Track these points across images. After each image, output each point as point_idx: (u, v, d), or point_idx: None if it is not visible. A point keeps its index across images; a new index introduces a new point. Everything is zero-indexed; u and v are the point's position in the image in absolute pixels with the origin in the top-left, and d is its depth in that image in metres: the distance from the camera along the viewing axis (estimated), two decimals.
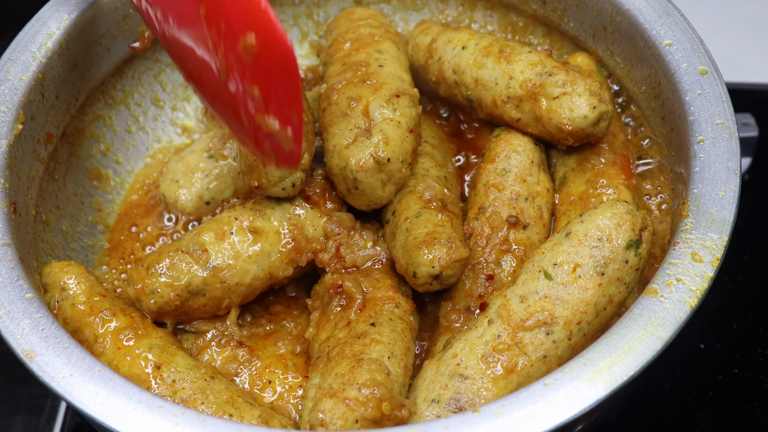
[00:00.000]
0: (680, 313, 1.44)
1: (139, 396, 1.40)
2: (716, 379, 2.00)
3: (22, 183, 1.71)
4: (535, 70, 1.77)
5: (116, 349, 1.60)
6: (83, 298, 1.65)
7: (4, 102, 1.71)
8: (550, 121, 1.75)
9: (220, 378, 1.60)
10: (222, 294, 1.70)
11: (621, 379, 1.38)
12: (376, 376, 1.51)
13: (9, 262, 1.55)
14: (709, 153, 1.60)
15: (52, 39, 1.80)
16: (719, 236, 1.51)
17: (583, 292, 1.56)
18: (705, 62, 1.71)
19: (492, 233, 1.75)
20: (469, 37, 1.89)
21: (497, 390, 1.53)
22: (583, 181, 1.79)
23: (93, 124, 1.96)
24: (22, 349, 1.46)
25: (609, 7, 1.84)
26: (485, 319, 1.59)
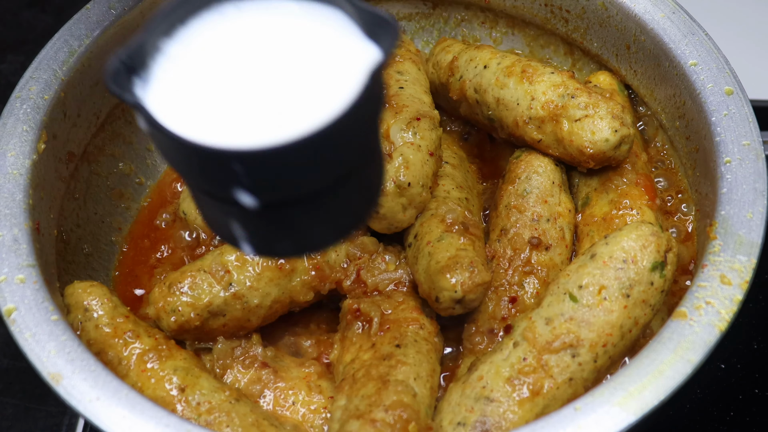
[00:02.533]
0: (710, 337, 1.44)
1: (167, 420, 1.39)
2: (737, 399, 1.99)
3: (45, 202, 1.70)
4: (557, 92, 1.77)
5: (141, 372, 1.59)
6: (107, 319, 1.64)
7: (27, 121, 1.71)
8: (572, 143, 1.74)
9: (245, 400, 1.60)
10: (242, 315, 1.70)
11: (652, 404, 1.37)
12: (403, 397, 1.50)
13: (34, 284, 1.54)
14: (736, 174, 1.59)
15: (74, 57, 1.79)
16: (748, 258, 1.51)
17: (608, 315, 1.55)
18: (730, 82, 1.70)
19: (514, 255, 1.74)
20: (491, 56, 1.88)
21: (523, 413, 1.53)
22: (606, 202, 1.78)
23: (113, 142, 1.96)
24: (48, 372, 1.45)
25: (633, 27, 1.83)
26: (510, 341, 1.59)
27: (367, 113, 1.17)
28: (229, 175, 1.11)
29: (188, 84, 1.18)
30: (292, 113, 1.14)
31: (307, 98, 1.15)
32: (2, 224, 1.59)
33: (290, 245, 1.24)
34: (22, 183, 1.65)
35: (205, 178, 1.15)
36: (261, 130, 1.12)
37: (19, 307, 1.51)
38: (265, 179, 1.12)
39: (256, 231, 1.22)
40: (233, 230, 1.22)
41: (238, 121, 1.14)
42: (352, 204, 1.24)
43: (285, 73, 1.18)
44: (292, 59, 1.20)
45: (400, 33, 1.15)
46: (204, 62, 1.21)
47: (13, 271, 1.55)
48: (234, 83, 1.17)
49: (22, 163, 1.66)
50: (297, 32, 1.23)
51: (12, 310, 1.51)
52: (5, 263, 1.56)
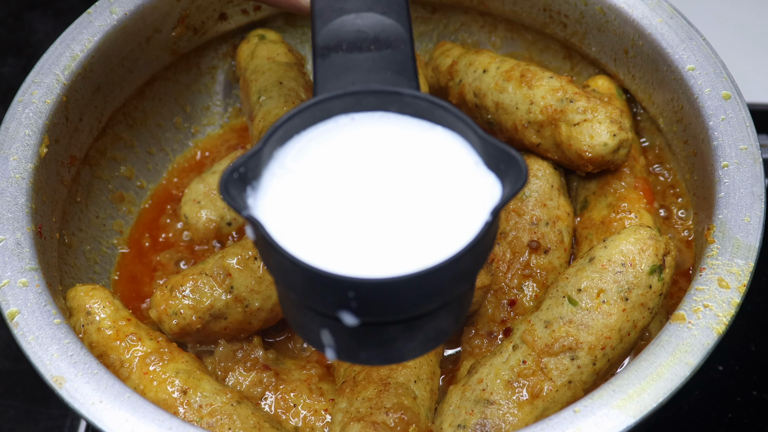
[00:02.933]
0: (708, 340, 1.45)
1: (170, 423, 1.40)
2: (735, 401, 2.01)
3: (47, 206, 1.71)
4: (556, 96, 1.78)
5: (143, 374, 1.60)
6: (109, 322, 1.65)
7: (29, 125, 1.72)
8: (570, 147, 1.76)
9: (246, 403, 1.61)
10: (244, 318, 1.71)
11: (650, 406, 1.38)
12: (404, 400, 1.51)
13: (36, 287, 1.55)
14: (734, 178, 1.61)
15: (76, 61, 1.80)
16: (745, 262, 1.52)
17: (607, 318, 1.57)
18: (728, 87, 1.71)
19: (513, 258, 1.75)
20: (490, 60, 1.89)
21: (523, 415, 1.54)
22: (605, 206, 1.79)
23: (114, 145, 1.97)
24: (51, 375, 1.46)
25: (631, 32, 1.85)
26: (510, 344, 1.60)
27: (483, 249, 1.17)
28: (338, 299, 1.12)
29: (300, 198, 1.18)
30: (410, 245, 1.14)
31: (426, 230, 1.16)
32: (5, 228, 1.60)
33: (376, 355, 1.25)
34: (24, 187, 1.66)
35: (309, 295, 1.15)
36: (376, 259, 1.13)
37: (22, 311, 1.52)
38: (374, 305, 1.13)
39: (345, 341, 1.22)
40: (321, 336, 1.22)
41: (352, 245, 1.14)
42: (444, 322, 1.25)
43: (403, 200, 1.18)
44: (411, 186, 1.19)
45: (527, 171, 1.15)
46: (317, 176, 1.20)
47: (15, 274, 1.56)
48: (347, 202, 1.18)
49: (24, 167, 1.67)
50: (415, 155, 1.23)
51: (15, 313, 1.52)
52: (8, 267, 1.57)
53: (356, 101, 1.26)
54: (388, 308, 1.14)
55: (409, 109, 1.27)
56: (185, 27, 1.97)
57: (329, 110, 1.26)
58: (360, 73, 1.28)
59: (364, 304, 1.12)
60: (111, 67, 1.87)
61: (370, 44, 1.31)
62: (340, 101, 1.25)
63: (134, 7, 1.87)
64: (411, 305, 1.15)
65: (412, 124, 1.27)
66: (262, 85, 1.87)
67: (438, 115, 1.25)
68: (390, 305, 1.14)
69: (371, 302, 1.13)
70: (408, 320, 1.19)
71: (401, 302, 1.14)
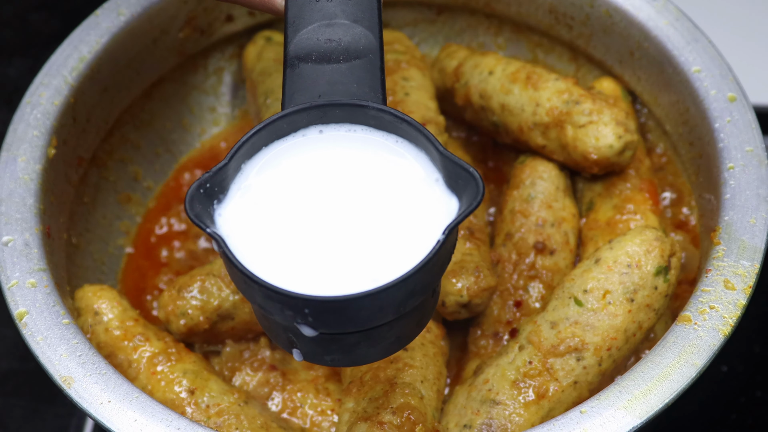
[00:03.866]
0: (714, 341, 1.45)
1: (178, 423, 1.40)
2: (739, 402, 2.01)
3: (55, 207, 1.72)
4: (561, 98, 1.79)
5: (150, 374, 1.61)
6: (116, 322, 1.66)
7: (38, 126, 1.72)
8: (576, 149, 1.76)
9: (253, 402, 1.61)
10: (251, 318, 1.71)
11: (656, 407, 1.39)
12: (410, 400, 1.52)
13: (45, 288, 1.56)
14: (740, 180, 1.61)
15: (84, 63, 1.80)
16: (751, 264, 1.53)
17: (613, 319, 1.57)
18: (734, 89, 1.72)
19: (519, 259, 1.76)
20: (496, 62, 1.90)
21: (529, 415, 1.54)
22: (610, 207, 1.80)
23: (121, 147, 1.97)
24: (60, 375, 1.46)
25: (637, 33, 1.85)
26: (516, 345, 1.61)
27: (438, 264, 1.20)
28: (295, 313, 1.17)
29: (260, 214, 1.22)
30: (366, 263, 1.18)
31: (383, 248, 1.19)
32: (13, 229, 1.61)
33: (340, 358, 1.29)
34: (32, 188, 1.66)
35: (268, 308, 1.19)
36: (332, 277, 1.18)
37: (30, 311, 1.53)
38: (329, 320, 1.17)
39: (309, 346, 1.26)
40: (287, 341, 1.27)
41: (309, 262, 1.19)
42: (405, 329, 1.29)
43: (362, 218, 1.22)
44: (370, 203, 1.23)
45: (483, 190, 1.18)
46: (279, 192, 1.24)
47: (24, 275, 1.57)
48: (307, 219, 1.21)
49: (32, 168, 1.68)
50: (377, 171, 1.26)
51: (24, 313, 1.53)
52: (17, 267, 1.57)
53: (323, 114, 1.29)
54: (343, 322, 1.18)
55: (374, 122, 1.29)
56: (192, 28, 1.98)
57: (296, 123, 1.29)
58: (327, 85, 1.30)
59: (320, 318, 1.17)
60: (118, 68, 1.88)
61: (339, 55, 1.33)
62: (307, 114, 1.28)
63: (141, 9, 1.88)
64: (365, 320, 1.19)
65: (378, 138, 1.29)
66: (269, 86, 1.88)
67: (402, 128, 1.28)
68: (344, 320, 1.18)
69: (326, 317, 1.17)
70: (366, 330, 1.23)
71: (355, 317, 1.17)
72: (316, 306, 1.15)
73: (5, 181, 1.66)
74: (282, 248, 1.20)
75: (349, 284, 1.16)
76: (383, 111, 1.27)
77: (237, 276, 1.19)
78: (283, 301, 1.16)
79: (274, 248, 1.20)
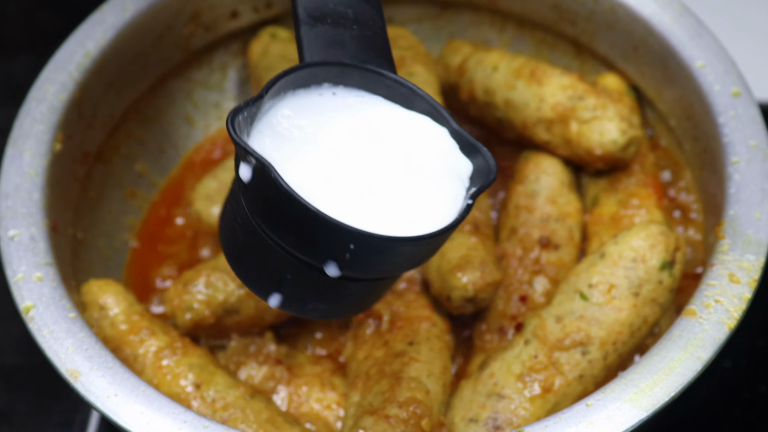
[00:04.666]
0: (719, 334, 1.46)
1: (184, 416, 1.41)
2: (742, 397, 2.01)
3: (61, 202, 1.72)
4: (566, 94, 1.79)
5: (156, 368, 1.61)
6: (122, 317, 1.66)
7: (44, 121, 1.73)
8: (580, 144, 1.77)
9: (259, 397, 1.62)
10: (256, 313, 1.72)
11: (662, 400, 1.40)
12: (416, 393, 1.52)
13: (51, 282, 1.56)
14: (744, 175, 1.62)
15: (89, 58, 1.81)
16: (756, 257, 1.53)
17: (618, 313, 1.58)
18: (738, 84, 1.72)
19: (524, 254, 1.76)
20: (500, 57, 1.90)
21: (534, 409, 1.55)
22: (615, 202, 1.80)
23: (126, 142, 1.98)
24: (66, 369, 1.47)
25: (640, 29, 1.85)
26: (521, 339, 1.61)
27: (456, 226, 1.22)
28: (337, 249, 1.15)
29: (293, 151, 1.21)
30: (396, 212, 1.20)
31: (410, 201, 1.21)
32: (20, 223, 1.61)
33: (320, 310, 1.28)
34: (38, 183, 1.67)
35: (304, 242, 1.17)
36: (368, 220, 1.17)
37: (37, 305, 1.53)
38: (367, 261, 1.16)
39: (300, 291, 1.24)
40: (272, 283, 1.24)
41: (342, 204, 1.18)
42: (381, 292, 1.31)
43: (391, 170, 1.23)
44: (395, 159, 1.24)
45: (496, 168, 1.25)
46: (311, 132, 1.23)
47: (30, 269, 1.57)
48: (339, 165, 1.21)
49: (39, 163, 1.68)
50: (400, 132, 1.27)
51: (30, 307, 1.53)
52: (23, 261, 1.58)
53: (342, 73, 1.29)
54: (377, 264, 1.18)
55: (389, 93, 1.30)
56: (197, 24, 1.99)
57: (316, 77, 1.28)
58: (346, 48, 1.31)
59: (359, 257, 1.15)
60: (123, 63, 1.88)
61: (352, 24, 1.33)
62: (328, 70, 1.28)
63: (146, 5, 1.88)
64: (394, 267, 1.20)
65: (392, 107, 1.30)
66: None
67: (416, 102, 1.29)
68: (380, 262, 1.17)
69: (366, 257, 1.15)
70: (378, 280, 1.24)
71: (390, 262, 1.18)
72: (365, 243, 1.13)
73: (11, 175, 1.67)
74: (314, 188, 1.18)
75: (385, 229, 1.16)
76: (402, 83, 1.28)
77: (277, 204, 1.15)
78: (332, 235, 1.13)
79: (306, 187, 1.18)
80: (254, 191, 1.18)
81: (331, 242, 1.14)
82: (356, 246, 1.13)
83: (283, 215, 1.16)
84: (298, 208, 1.13)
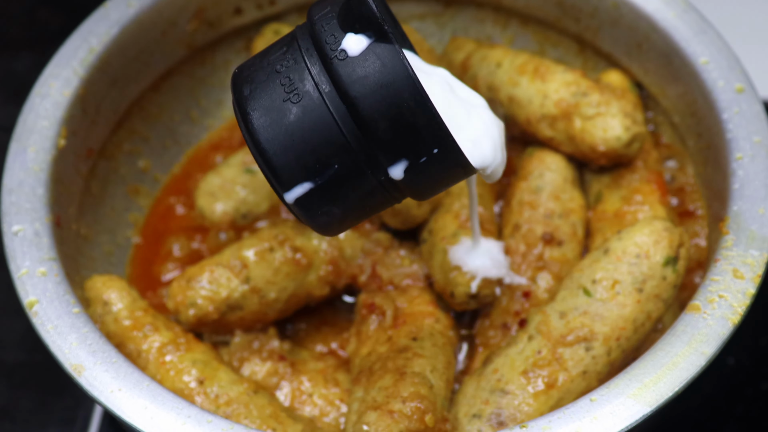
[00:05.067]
0: (723, 330, 1.46)
1: (188, 411, 1.41)
2: (745, 394, 2.01)
3: (64, 197, 1.72)
4: (569, 90, 1.79)
5: (160, 364, 1.61)
6: (126, 312, 1.66)
7: (48, 117, 1.73)
8: (584, 141, 1.77)
9: (262, 392, 1.62)
10: (260, 309, 1.72)
11: (666, 395, 1.39)
12: (420, 389, 1.52)
13: (55, 277, 1.56)
14: (748, 170, 1.62)
15: (93, 54, 1.81)
16: (760, 253, 1.53)
17: (621, 309, 1.58)
18: (741, 80, 1.72)
19: (527, 250, 1.76)
20: (503, 54, 1.90)
21: (538, 405, 1.55)
22: (618, 198, 1.80)
23: (130, 139, 1.98)
24: (70, 364, 1.47)
25: (644, 26, 1.85)
26: (525, 335, 1.61)
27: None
28: (419, 149, 1.18)
29: None
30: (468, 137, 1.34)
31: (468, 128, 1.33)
32: (24, 218, 1.62)
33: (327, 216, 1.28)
34: (42, 178, 1.67)
35: (390, 133, 1.17)
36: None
37: (41, 300, 1.53)
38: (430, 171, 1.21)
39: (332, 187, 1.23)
40: (311, 171, 1.22)
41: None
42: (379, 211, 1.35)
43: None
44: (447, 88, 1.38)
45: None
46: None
47: (34, 264, 1.57)
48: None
49: (42, 159, 1.69)
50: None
51: (34, 302, 1.53)
52: (27, 256, 1.58)
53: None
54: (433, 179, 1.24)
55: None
56: (201, 21, 1.99)
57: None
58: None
59: (430, 166, 1.19)
60: (127, 60, 1.89)
61: None
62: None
63: (150, 1, 1.88)
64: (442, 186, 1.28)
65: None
66: None
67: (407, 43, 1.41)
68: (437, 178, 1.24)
69: (435, 167, 1.20)
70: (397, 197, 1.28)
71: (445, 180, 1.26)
72: (448, 151, 1.18)
73: (15, 171, 1.67)
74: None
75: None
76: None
77: (389, 84, 1.15)
78: (427, 132, 1.16)
79: None
80: (359, 67, 1.16)
81: (421, 140, 1.16)
82: (439, 151, 1.16)
83: (388, 99, 1.15)
84: (411, 94, 1.13)
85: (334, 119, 1.19)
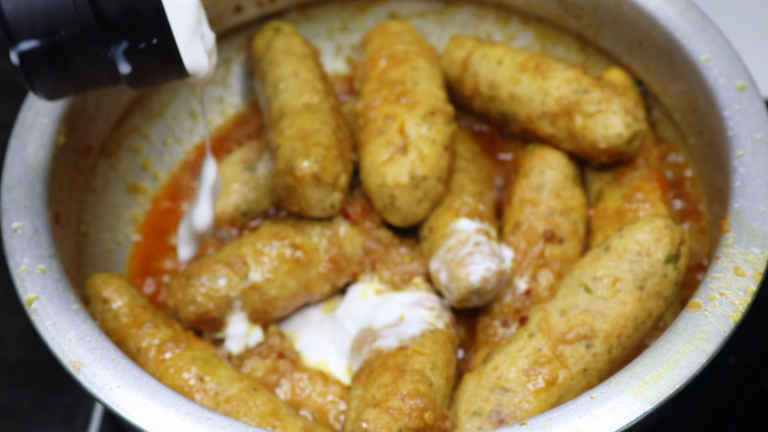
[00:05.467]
0: (724, 327, 1.45)
1: (187, 408, 1.40)
2: (747, 393, 2.01)
3: (64, 195, 1.72)
4: (570, 87, 1.79)
5: (160, 361, 1.61)
6: (125, 310, 1.66)
7: (47, 114, 1.73)
8: (585, 138, 1.76)
9: (262, 389, 1.61)
10: (259, 307, 1.71)
11: (667, 393, 1.39)
12: (420, 386, 1.52)
13: (55, 274, 1.56)
14: (749, 168, 1.61)
15: None
16: (761, 251, 1.52)
17: (622, 306, 1.57)
18: (743, 77, 1.72)
19: (528, 248, 1.76)
20: (504, 52, 1.90)
21: (538, 402, 1.54)
22: (619, 196, 1.80)
23: (130, 136, 1.98)
24: (69, 361, 1.46)
25: (645, 23, 1.85)
26: (525, 332, 1.60)
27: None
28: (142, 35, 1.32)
29: None
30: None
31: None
32: (23, 215, 1.61)
33: (47, 80, 1.36)
34: (42, 175, 1.67)
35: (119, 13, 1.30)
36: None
37: (40, 297, 1.53)
38: (148, 60, 1.36)
39: (57, 52, 1.32)
40: (39, 29, 1.31)
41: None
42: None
43: None
44: None
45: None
46: None
47: (34, 261, 1.57)
48: None
49: (42, 156, 1.68)
50: None
51: (33, 299, 1.53)
52: (26, 253, 1.58)
53: None
54: (151, 68, 1.39)
55: None
56: None
57: None
58: None
59: (149, 52, 1.35)
60: None
61: None
62: None
63: None
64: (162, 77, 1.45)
65: None
66: (279, 75, 1.88)
67: None
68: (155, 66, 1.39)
69: (154, 55, 1.36)
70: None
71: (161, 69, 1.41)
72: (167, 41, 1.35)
73: (15, 167, 1.67)
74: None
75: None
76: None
77: None
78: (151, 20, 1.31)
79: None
80: None
81: (145, 27, 1.31)
82: (158, 42, 1.32)
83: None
84: None
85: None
